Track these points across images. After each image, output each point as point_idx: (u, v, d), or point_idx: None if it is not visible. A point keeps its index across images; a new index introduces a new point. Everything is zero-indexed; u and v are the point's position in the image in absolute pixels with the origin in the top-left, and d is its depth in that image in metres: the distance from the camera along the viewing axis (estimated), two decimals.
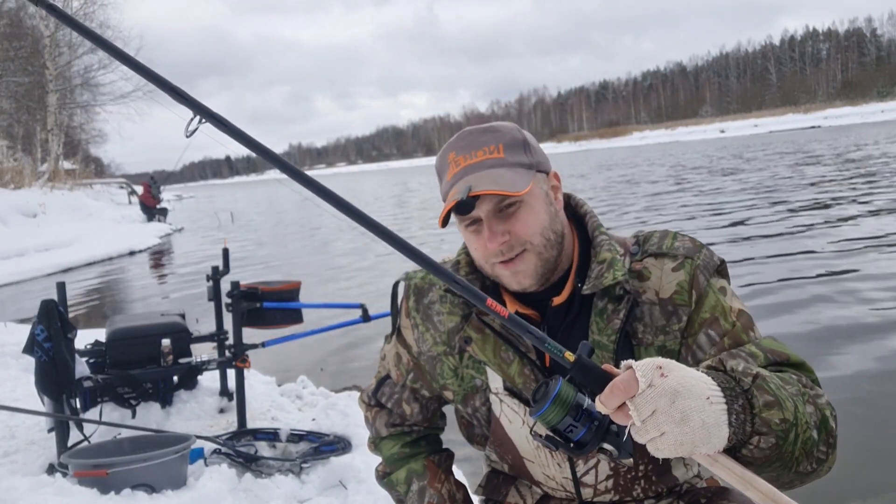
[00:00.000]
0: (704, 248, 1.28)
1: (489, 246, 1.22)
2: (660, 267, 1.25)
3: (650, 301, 1.24)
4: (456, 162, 1.26)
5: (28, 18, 31.80)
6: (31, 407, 3.84)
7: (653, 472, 1.30)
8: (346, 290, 9.60)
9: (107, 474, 3.19)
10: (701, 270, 1.24)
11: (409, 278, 1.45)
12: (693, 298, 1.22)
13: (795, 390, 1.05)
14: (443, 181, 1.30)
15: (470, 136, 1.27)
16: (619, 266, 1.24)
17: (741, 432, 0.95)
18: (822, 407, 1.07)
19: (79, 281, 13.18)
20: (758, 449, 0.96)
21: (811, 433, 1.02)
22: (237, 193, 73.17)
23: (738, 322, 1.21)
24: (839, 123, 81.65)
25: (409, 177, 68.77)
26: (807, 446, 1.01)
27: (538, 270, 1.24)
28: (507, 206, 1.22)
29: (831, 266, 7.59)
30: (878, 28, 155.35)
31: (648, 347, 1.23)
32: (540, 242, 1.23)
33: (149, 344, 4.18)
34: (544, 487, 1.35)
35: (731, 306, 1.23)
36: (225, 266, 4.47)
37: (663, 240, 1.29)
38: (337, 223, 7.15)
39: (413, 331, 1.42)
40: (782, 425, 0.96)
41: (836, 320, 5.69)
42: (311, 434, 4.01)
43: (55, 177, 29.70)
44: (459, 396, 1.38)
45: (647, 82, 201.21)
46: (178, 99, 1.13)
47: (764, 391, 0.97)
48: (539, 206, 1.24)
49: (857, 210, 11.51)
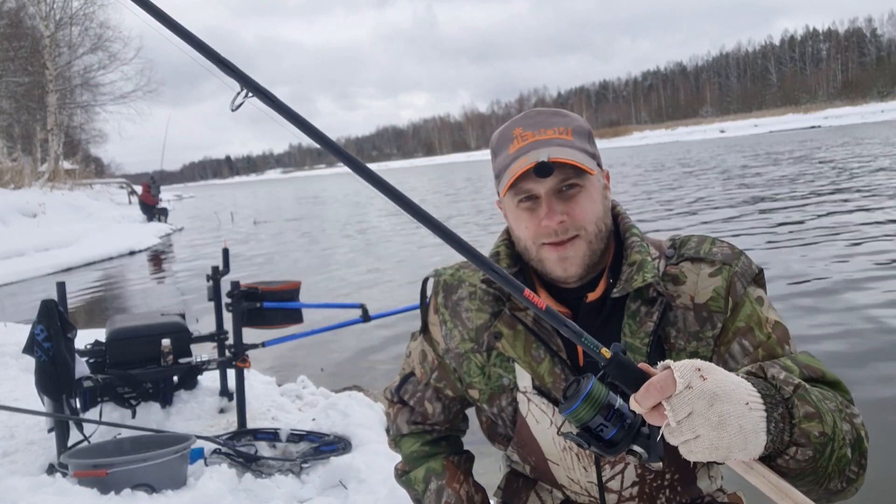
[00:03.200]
0: (743, 256, 1.26)
1: (545, 223, 1.20)
2: (696, 272, 1.23)
3: (684, 306, 1.22)
4: (523, 137, 1.24)
5: (28, 18, 31.82)
6: (31, 407, 3.84)
7: (679, 481, 1.28)
8: (346, 290, 9.60)
9: (107, 474, 3.19)
10: (738, 278, 1.22)
11: (438, 275, 1.43)
12: (729, 306, 1.20)
13: (834, 406, 1.04)
14: (501, 154, 1.27)
15: (539, 115, 1.27)
16: (648, 268, 1.22)
17: (779, 441, 0.93)
18: (858, 427, 1.06)
19: (79, 281, 13.18)
20: (794, 460, 0.94)
21: (846, 451, 1.00)
22: (237, 193, 73.23)
23: (774, 334, 1.19)
24: (839, 123, 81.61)
25: (410, 176, 68.79)
26: (840, 463, 1.00)
27: (585, 260, 1.23)
28: (568, 188, 1.21)
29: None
30: (878, 28, 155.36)
31: (680, 353, 1.21)
32: (593, 231, 1.22)
33: (149, 344, 4.18)
34: (567, 491, 1.33)
35: (768, 317, 1.21)
36: (225, 266, 4.47)
37: (701, 244, 1.27)
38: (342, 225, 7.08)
39: (441, 327, 1.40)
40: (821, 438, 0.95)
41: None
42: (311, 434, 4.00)
43: (55, 177, 29.69)
44: (486, 396, 1.35)
45: (647, 82, 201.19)
46: (225, 71, 1.10)
47: (805, 402, 0.96)
48: (597, 196, 1.24)
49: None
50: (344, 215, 25.69)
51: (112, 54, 32.47)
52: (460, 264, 1.42)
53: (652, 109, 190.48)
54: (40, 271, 14.31)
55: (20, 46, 30.12)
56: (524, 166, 1.16)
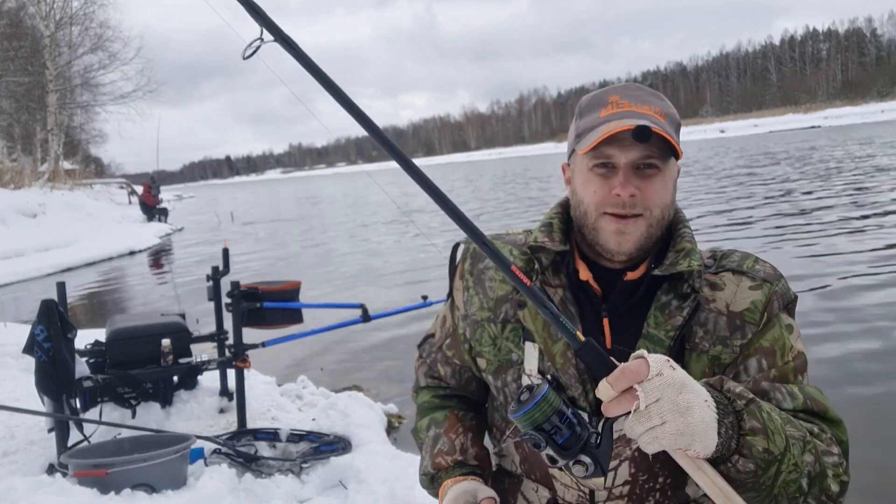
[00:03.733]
0: (784, 279, 1.28)
1: (618, 191, 1.20)
2: (736, 283, 1.25)
3: (718, 311, 1.23)
4: (619, 104, 1.25)
5: (28, 18, 31.83)
6: (31, 407, 3.84)
7: (670, 486, 1.28)
8: (345, 290, 9.60)
9: (107, 474, 3.19)
10: (777, 297, 1.24)
11: (469, 242, 1.45)
12: (763, 320, 1.22)
13: (800, 435, 1.06)
14: (590, 115, 1.28)
15: (639, 90, 1.29)
16: (695, 257, 1.24)
17: (726, 447, 0.97)
18: (826, 465, 1.08)
19: (79, 281, 13.19)
20: (735, 469, 0.97)
21: (798, 479, 1.03)
22: (237, 193, 73.17)
23: (793, 363, 1.21)
24: (839, 123, 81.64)
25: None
26: (789, 489, 1.03)
27: (641, 241, 1.23)
28: (646, 167, 1.22)
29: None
30: (878, 28, 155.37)
31: (701, 355, 1.22)
32: (657, 215, 1.24)
33: (149, 344, 4.18)
34: (557, 484, 1.32)
35: (793, 345, 1.23)
36: (225, 266, 4.47)
37: (744, 260, 1.29)
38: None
39: (463, 293, 1.42)
40: (764, 454, 0.98)
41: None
42: (311, 434, 4.01)
43: (55, 177, 29.69)
44: (493, 367, 1.37)
45: (647, 82, 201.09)
46: (249, 12, 1.03)
47: (754, 417, 0.99)
48: (669, 183, 1.26)
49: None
50: (344, 215, 25.70)
51: (112, 54, 32.51)
52: (493, 235, 1.45)
53: None
54: (40, 271, 14.30)
55: (20, 46, 30.12)
56: (623, 126, 1.17)
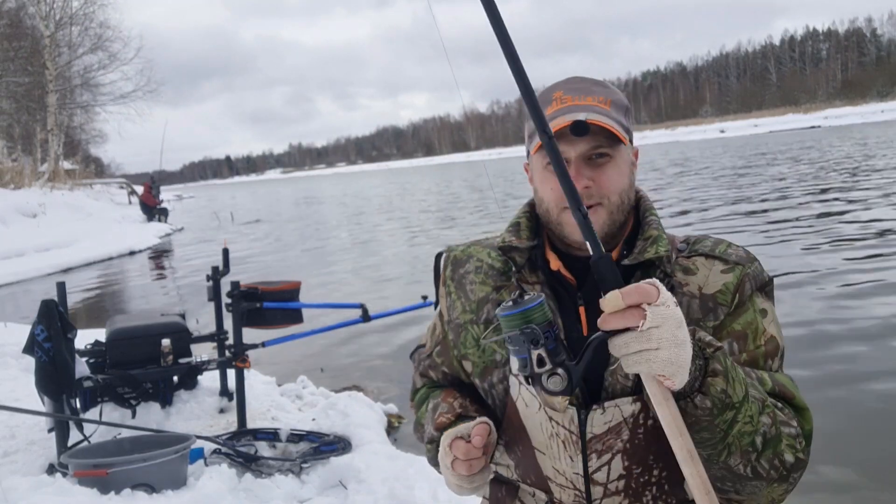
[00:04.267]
0: (757, 262, 1.29)
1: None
2: (709, 267, 1.27)
3: (691, 294, 1.25)
4: (562, 100, 1.27)
5: (28, 18, 31.83)
6: (31, 407, 3.84)
7: (666, 479, 1.28)
8: (346, 290, 9.60)
9: (107, 474, 3.20)
10: (749, 279, 1.26)
11: (450, 250, 1.47)
12: (734, 302, 1.24)
13: (760, 396, 1.11)
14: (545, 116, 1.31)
15: (582, 82, 1.30)
16: (662, 243, 1.26)
17: (690, 385, 1.04)
18: (783, 434, 1.13)
19: (79, 281, 13.19)
20: (693, 405, 1.04)
21: (753, 435, 1.09)
22: (238, 193, 73.19)
23: (765, 347, 1.23)
24: (839, 123, 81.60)
25: (409, 176, 68.81)
26: (742, 441, 1.08)
27: (604, 228, 1.26)
28: (598, 156, 1.24)
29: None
30: (878, 28, 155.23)
31: None
32: (616, 202, 1.26)
33: (149, 344, 4.18)
34: (552, 485, 1.32)
35: (766, 329, 1.25)
36: (225, 266, 4.48)
37: (717, 245, 1.31)
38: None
39: (446, 299, 1.44)
40: (721, 395, 1.04)
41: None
42: (311, 434, 4.01)
43: (55, 177, 29.69)
44: (479, 369, 1.37)
45: (646, 82, 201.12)
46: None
47: (717, 362, 1.05)
48: (624, 168, 1.28)
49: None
50: (344, 215, 25.69)
51: (112, 54, 32.51)
52: (472, 242, 1.47)
53: (651, 109, 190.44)
54: (40, 271, 14.31)
55: (20, 46, 30.12)
56: (561, 123, 1.20)
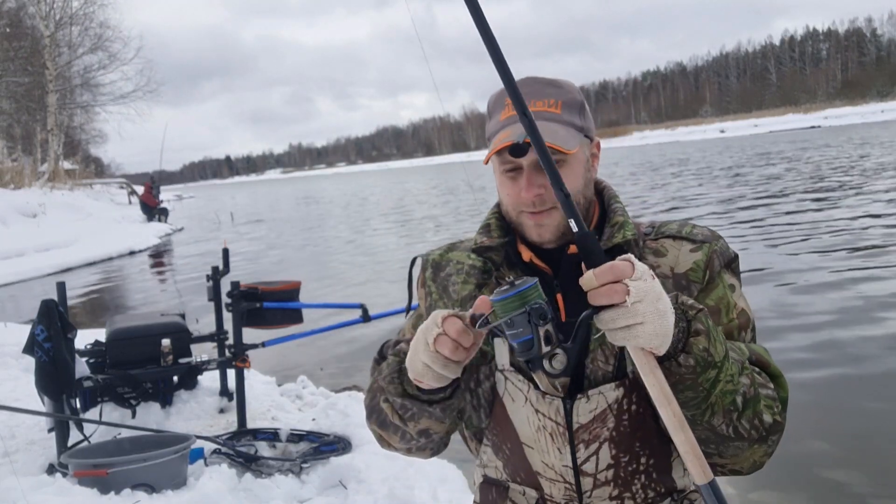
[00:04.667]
0: (723, 239, 1.34)
1: (524, 195, 1.27)
2: (678, 247, 1.31)
3: (664, 275, 1.28)
4: (512, 105, 1.28)
5: (28, 18, 31.83)
6: (31, 407, 3.85)
7: (654, 467, 1.30)
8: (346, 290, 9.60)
9: (107, 474, 3.20)
10: (717, 255, 1.30)
11: (427, 255, 1.50)
12: (705, 278, 1.28)
13: (740, 359, 1.14)
14: (493, 119, 1.33)
15: (534, 84, 1.31)
16: (629, 228, 1.30)
17: (674, 347, 1.07)
18: (762, 395, 1.16)
19: (79, 281, 13.19)
20: (677, 364, 1.07)
21: (734, 393, 1.12)
22: (237, 193, 73.16)
23: (737, 320, 1.28)
24: (839, 123, 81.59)
25: (409, 175, 68.79)
26: (724, 399, 1.12)
27: (561, 229, 1.29)
28: None
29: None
30: (878, 28, 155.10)
31: None
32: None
33: (149, 344, 4.18)
34: (542, 480, 1.34)
35: (737, 303, 1.29)
36: (225, 266, 4.48)
37: (683, 226, 1.35)
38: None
39: (426, 299, 1.46)
40: (704, 353, 1.08)
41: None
42: (311, 434, 4.01)
43: (55, 177, 29.69)
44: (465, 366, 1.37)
45: (647, 82, 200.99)
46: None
47: (700, 322, 1.09)
48: (578, 169, 1.30)
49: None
50: (344, 215, 25.70)
51: (112, 54, 32.51)
52: (447, 247, 1.50)
53: (652, 109, 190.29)
54: (40, 271, 14.31)
55: (20, 46, 30.13)
56: (503, 142, 1.23)
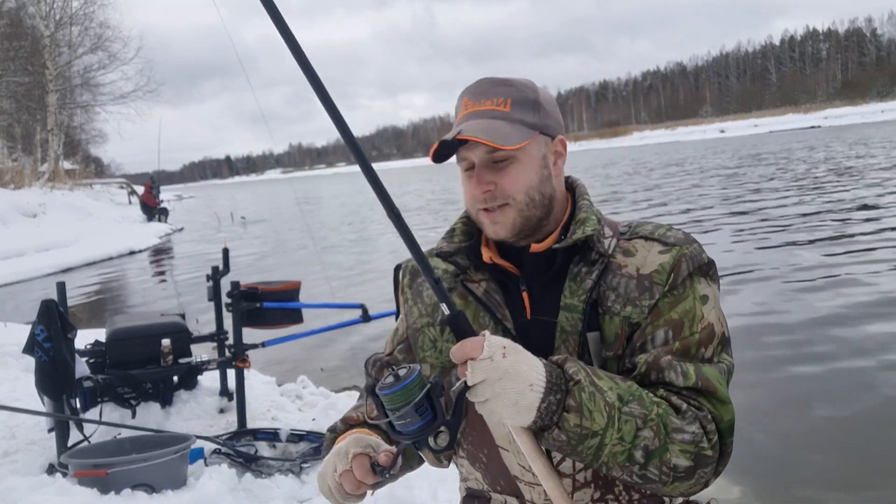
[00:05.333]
0: (696, 243, 1.31)
1: (473, 191, 1.31)
2: (648, 248, 1.30)
3: (629, 275, 1.28)
4: (466, 106, 1.33)
5: (28, 18, 31.82)
6: (31, 407, 3.85)
7: None
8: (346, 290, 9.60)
9: (107, 474, 3.20)
10: (686, 259, 1.27)
11: (407, 262, 1.53)
12: (669, 281, 1.26)
13: (641, 413, 1.13)
14: (455, 121, 1.38)
15: (485, 84, 1.34)
16: (590, 223, 1.31)
17: (547, 420, 1.10)
18: (673, 440, 1.14)
19: (79, 281, 13.19)
20: (551, 437, 1.11)
21: (628, 450, 1.12)
22: (237, 193, 73.17)
23: (700, 335, 1.24)
24: (839, 123, 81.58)
25: (408, 175, 68.76)
26: (617, 458, 1.12)
27: (516, 225, 1.31)
28: (500, 160, 1.29)
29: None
30: (878, 28, 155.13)
31: (614, 318, 1.26)
32: (523, 200, 1.30)
33: (149, 344, 4.18)
34: (522, 484, 1.33)
35: (704, 315, 1.25)
36: (225, 266, 4.48)
37: (657, 228, 1.34)
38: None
39: (404, 306, 1.50)
40: (576, 429, 1.10)
41: None
42: (311, 434, 4.01)
43: (55, 177, 29.69)
44: (437, 370, 1.39)
45: (646, 82, 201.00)
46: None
47: (573, 397, 1.10)
48: (530, 166, 1.30)
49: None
50: (344, 215, 25.69)
51: (112, 54, 32.50)
52: (427, 252, 1.52)
53: (652, 109, 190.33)
54: (40, 271, 14.31)
55: (20, 46, 30.12)
56: (436, 142, 1.28)
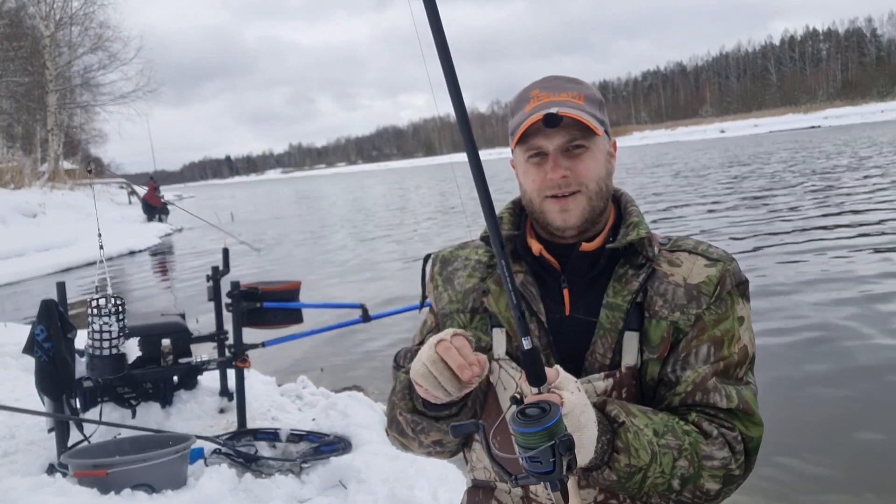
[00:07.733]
0: (736, 262, 1.37)
1: (550, 175, 1.31)
2: (692, 261, 1.35)
3: (676, 283, 1.33)
4: (538, 97, 1.35)
5: (28, 18, 31.81)
6: (31, 407, 3.85)
7: None
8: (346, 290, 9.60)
9: (107, 474, 3.20)
10: (730, 275, 1.33)
11: (438, 252, 1.56)
12: (715, 293, 1.31)
13: (677, 444, 1.20)
14: (518, 113, 1.37)
15: (556, 80, 1.38)
16: (643, 227, 1.36)
17: (599, 459, 1.16)
18: (704, 467, 1.21)
19: (79, 281, 13.18)
20: (601, 476, 1.17)
21: (668, 481, 1.19)
22: (238, 193, 73.16)
23: (737, 355, 1.31)
24: (839, 123, 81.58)
25: (407, 175, 68.79)
26: (658, 488, 1.20)
27: (585, 214, 1.34)
28: (574, 148, 1.32)
29: None
30: (878, 28, 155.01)
31: (661, 321, 1.31)
32: (594, 189, 1.34)
33: (149, 344, 4.18)
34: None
35: (741, 337, 1.32)
36: (225, 266, 4.47)
37: (699, 244, 1.40)
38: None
39: (434, 292, 1.51)
40: (626, 468, 1.17)
41: None
42: (311, 434, 4.01)
43: (55, 177, 29.67)
44: None
45: (647, 82, 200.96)
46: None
47: (620, 438, 1.17)
48: (601, 158, 1.35)
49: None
50: (344, 215, 25.69)
51: (112, 54, 32.48)
52: (458, 245, 1.55)
53: (652, 109, 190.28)
54: (40, 271, 14.31)
55: (20, 46, 30.11)
56: (534, 117, 1.28)
